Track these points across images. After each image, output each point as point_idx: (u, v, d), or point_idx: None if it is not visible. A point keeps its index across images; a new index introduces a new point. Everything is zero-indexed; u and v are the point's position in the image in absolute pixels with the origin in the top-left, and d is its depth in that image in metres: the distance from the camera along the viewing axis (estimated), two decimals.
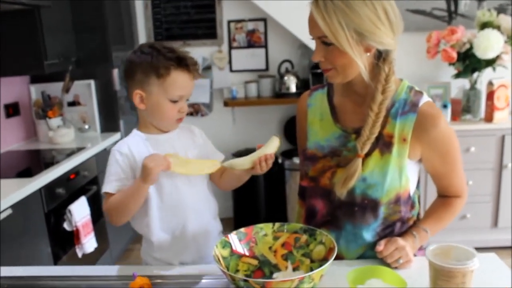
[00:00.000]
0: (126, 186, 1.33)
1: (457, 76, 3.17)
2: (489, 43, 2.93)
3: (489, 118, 3.12)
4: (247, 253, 1.26)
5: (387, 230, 1.31)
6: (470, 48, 3.03)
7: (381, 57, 1.23)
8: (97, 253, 2.75)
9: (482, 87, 3.20)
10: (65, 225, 2.45)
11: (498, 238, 3.17)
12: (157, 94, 1.33)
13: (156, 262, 1.43)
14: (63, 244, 2.49)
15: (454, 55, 3.03)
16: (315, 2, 1.16)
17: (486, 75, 3.17)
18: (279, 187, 3.66)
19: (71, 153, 2.76)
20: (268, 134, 4.16)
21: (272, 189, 3.68)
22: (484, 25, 3.06)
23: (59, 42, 2.89)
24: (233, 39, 3.77)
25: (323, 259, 1.19)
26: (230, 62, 3.81)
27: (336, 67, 1.22)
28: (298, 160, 3.44)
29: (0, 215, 1.98)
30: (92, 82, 3.22)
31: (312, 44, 1.25)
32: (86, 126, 3.23)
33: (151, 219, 1.38)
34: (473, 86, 3.21)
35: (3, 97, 2.96)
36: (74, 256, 2.50)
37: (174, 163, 1.28)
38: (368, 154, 1.25)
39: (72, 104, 3.26)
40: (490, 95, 3.10)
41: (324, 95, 1.40)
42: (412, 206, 1.34)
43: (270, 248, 1.28)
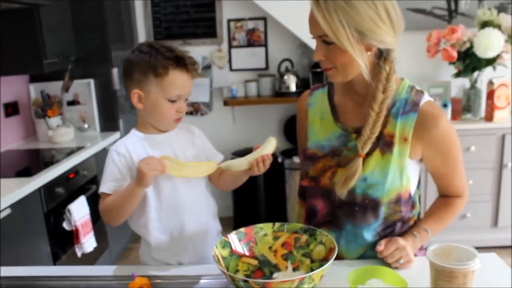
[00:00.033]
0: (123, 186, 1.33)
1: (457, 75, 3.17)
2: (489, 42, 2.93)
3: (489, 117, 3.12)
4: (247, 253, 1.25)
5: (387, 230, 1.30)
6: (471, 47, 3.02)
7: (382, 56, 1.22)
8: (96, 253, 2.74)
9: (482, 86, 3.19)
10: (65, 225, 2.44)
11: (498, 238, 3.17)
12: (155, 94, 1.32)
13: (155, 263, 1.43)
14: (62, 244, 2.48)
15: (455, 54, 3.03)
16: (316, 1, 1.15)
17: (486, 74, 3.17)
18: (279, 186, 3.66)
19: (70, 153, 2.75)
20: (268, 133, 4.15)
21: (272, 188, 3.67)
22: (484, 24, 3.06)
23: (58, 41, 2.88)
24: (233, 38, 3.76)
25: (323, 259, 1.18)
26: (230, 61, 3.80)
27: (336, 66, 1.21)
28: (298, 159, 3.46)
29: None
30: (92, 81, 3.21)
31: (312, 43, 1.25)
32: (86, 125, 3.22)
33: (149, 220, 1.38)
34: (473, 85, 3.20)
35: (2, 96, 2.95)
36: (74, 256, 2.50)
37: (169, 167, 1.27)
38: (368, 153, 1.25)
39: (72, 103, 3.25)
40: (491, 94, 3.09)
41: (324, 95, 1.39)
42: (413, 206, 1.34)
43: (270, 248, 1.27)
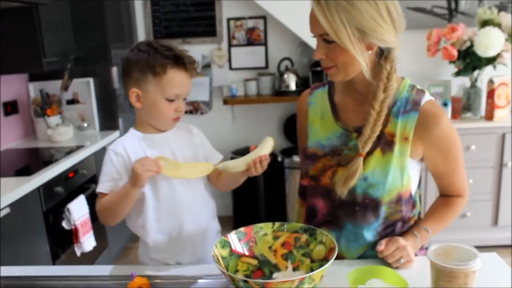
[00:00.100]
0: (119, 186, 1.32)
1: (458, 74, 3.16)
2: (489, 41, 2.92)
3: (489, 116, 3.11)
4: (246, 253, 1.25)
5: (388, 230, 1.30)
6: (471, 46, 3.02)
7: (383, 55, 1.22)
8: (96, 252, 2.74)
9: (482, 85, 3.19)
10: (64, 224, 2.43)
11: (498, 237, 3.17)
12: (153, 93, 1.31)
13: (153, 263, 1.42)
14: (61, 243, 2.48)
15: (455, 53, 3.02)
16: (317, 0, 1.14)
17: (486, 73, 3.16)
18: (279, 185, 3.65)
19: (70, 152, 2.74)
20: (267, 132, 4.17)
21: (271, 187, 3.67)
22: (484, 23, 3.05)
23: (58, 40, 2.88)
24: (232, 37, 3.76)
25: (323, 259, 1.18)
26: (229, 60, 3.79)
27: (337, 65, 1.21)
28: (297, 158, 3.46)
29: None
30: (91, 80, 3.21)
31: (312, 42, 1.24)
32: (85, 124, 3.22)
33: (147, 220, 1.37)
34: (473, 84, 3.20)
35: (2, 95, 2.94)
36: (73, 255, 2.49)
37: (165, 167, 1.26)
38: (369, 153, 1.24)
39: (71, 102, 3.25)
40: (491, 93, 3.09)
41: (325, 93, 1.39)
42: (413, 206, 1.33)
43: (270, 247, 1.26)
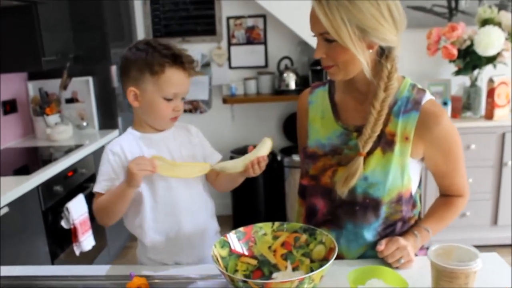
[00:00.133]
0: (116, 186, 1.31)
1: (458, 73, 3.16)
2: (490, 40, 2.92)
3: (489, 116, 3.11)
4: (246, 253, 1.24)
5: (388, 230, 1.29)
6: (471, 45, 3.01)
7: (383, 54, 1.21)
8: (95, 251, 2.73)
9: (482, 84, 3.19)
10: (63, 223, 2.43)
11: (497, 236, 3.17)
12: (151, 92, 1.30)
13: (152, 263, 1.41)
14: (60, 242, 2.47)
15: (455, 52, 3.02)
16: None
17: (486, 72, 3.15)
18: (278, 185, 3.65)
19: (69, 150, 2.74)
20: (267, 131, 4.16)
21: (271, 186, 3.66)
22: (484, 22, 3.04)
23: (57, 39, 2.87)
24: (232, 35, 3.75)
25: (323, 259, 1.17)
26: (229, 58, 3.78)
27: (338, 64, 1.20)
28: (297, 157, 3.45)
29: None
30: (90, 79, 3.20)
31: (311, 40, 1.23)
32: (84, 123, 3.21)
33: (145, 220, 1.36)
34: (473, 83, 3.19)
35: (0, 94, 2.93)
36: (72, 254, 2.48)
37: (161, 167, 1.25)
38: (369, 152, 1.24)
39: (70, 101, 3.24)
40: (491, 93, 3.08)
41: (325, 93, 1.38)
42: (414, 206, 1.33)
43: (269, 247, 1.26)
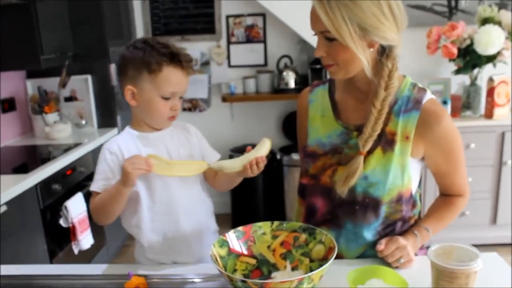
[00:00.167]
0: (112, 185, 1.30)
1: (457, 72, 3.15)
2: (490, 39, 2.91)
3: (489, 115, 3.10)
4: (245, 252, 1.24)
5: (388, 229, 1.29)
6: (471, 44, 3.01)
7: (384, 53, 1.20)
8: (93, 250, 2.73)
9: (482, 83, 3.18)
10: (61, 222, 2.42)
11: (497, 235, 3.16)
12: (148, 90, 1.30)
13: (150, 263, 1.40)
14: (59, 241, 2.47)
15: (455, 51, 3.01)
16: None
17: (486, 71, 3.15)
18: (277, 183, 3.64)
19: (67, 149, 2.73)
20: (266, 130, 4.14)
21: (270, 185, 3.66)
22: (485, 21, 3.04)
23: (55, 37, 2.85)
24: (231, 34, 3.74)
25: (322, 259, 1.17)
26: (228, 57, 3.78)
27: (338, 62, 1.19)
28: (296, 156, 3.45)
29: None
30: (89, 77, 3.19)
31: (311, 39, 1.23)
32: (83, 122, 3.21)
33: (142, 220, 1.35)
34: (473, 82, 3.18)
35: None
36: (70, 253, 2.48)
37: (156, 166, 1.23)
38: (370, 152, 1.23)
39: (69, 99, 3.23)
40: (491, 92, 3.08)
41: (325, 91, 1.37)
42: (414, 205, 1.32)
43: (268, 247, 1.25)
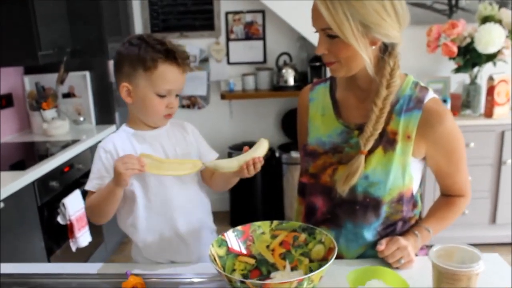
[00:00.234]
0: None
1: (457, 70, 3.14)
2: (490, 38, 2.90)
3: (489, 114, 3.09)
4: (244, 252, 1.22)
5: (388, 230, 1.28)
6: (471, 42, 2.99)
7: (386, 50, 1.19)
8: (91, 247, 2.71)
9: (482, 82, 3.17)
10: (59, 219, 2.41)
11: (496, 235, 3.15)
12: (143, 88, 1.28)
13: (147, 262, 1.39)
14: (56, 238, 2.45)
15: (455, 49, 3.00)
16: None
17: (486, 70, 3.14)
18: (276, 181, 3.64)
19: (65, 146, 2.71)
20: (265, 127, 4.13)
21: (269, 182, 3.65)
22: (485, 19, 3.02)
23: (53, 33, 2.84)
24: (230, 31, 3.72)
25: (322, 259, 1.15)
26: (227, 54, 3.76)
27: (340, 60, 1.18)
28: (295, 154, 3.44)
29: None
30: (87, 74, 3.17)
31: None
32: (81, 118, 3.19)
33: (138, 220, 1.34)
34: (473, 81, 3.17)
35: None
36: (68, 250, 2.47)
37: (149, 165, 1.21)
38: (371, 151, 1.22)
39: (67, 95, 3.21)
40: (490, 90, 3.06)
41: (326, 90, 1.36)
42: (415, 205, 1.31)
43: (267, 246, 1.24)
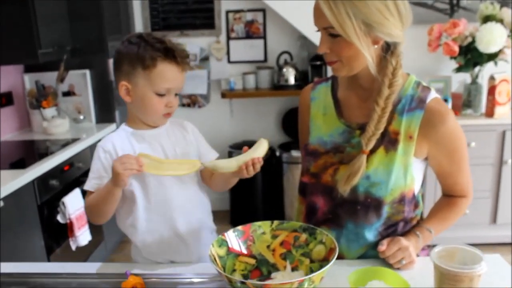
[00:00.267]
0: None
1: (459, 70, 3.13)
2: (492, 37, 2.89)
3: (490, 113, 3.08)
4: (244, 252, 1.22)
5: (389, 230, 1.27)
6: (472, 41, 2.98)
7: (389, 49, 1.18)
8: (91, 246, 2.71)
9: (483, 82, 3.16)
10: (59, 218, 2.41)
11: (496, 235, 3.14)
12: (143, 86, 1.27)
13: (147, 262, 1.38)
14: (56, 237, 2.45)
15: (456, 48, 2.99)
16: None
17: (487, 69, 3.13)
18: (277, 180, 3.63)
19: (65, 144, 2.71)
20: (266, 126, 4.12)
21: (269, 182, 3.65)
22: (486, 19, 3.01)
23: (53, 31, 2.83)
24: (231, 29, 3.71)
25: (323, 259, 1.15)
26: (228, 53, 3.75)
27: (342, 59, 1.17)
28: (296, 153, 3.43)
29: None
30: (88, 72, 3.16)
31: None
32: (81, 117, 3.18)
33: (137, 220, 1.33)
34: (474, 80, 3.16)
35: None
36: (68, 249, 2.46)
37: (147, 165, 1.20)
38: (372, 151, 1.21)
39: (67, 94, 3.21)
40: (492, 90, 3.06)
41: (328, 89, 1.35)
42: (416, 206, 1.30)
43: (268, 246, 1.24)
